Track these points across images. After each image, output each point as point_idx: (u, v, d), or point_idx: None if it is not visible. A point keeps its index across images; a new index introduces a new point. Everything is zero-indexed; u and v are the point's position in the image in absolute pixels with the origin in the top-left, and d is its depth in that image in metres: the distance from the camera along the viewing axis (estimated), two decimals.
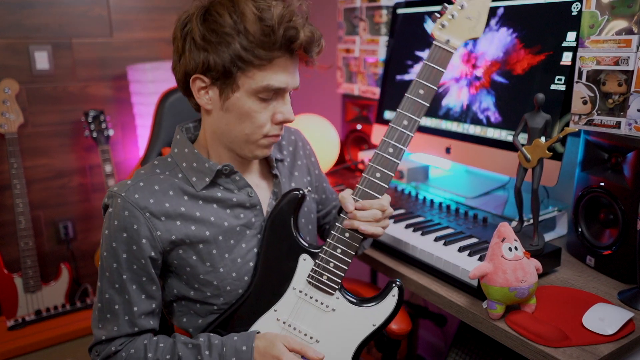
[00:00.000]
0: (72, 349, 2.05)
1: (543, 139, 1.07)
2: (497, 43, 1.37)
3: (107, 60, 2.37)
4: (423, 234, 1.24)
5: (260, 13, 0.88)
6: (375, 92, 1.86)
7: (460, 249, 1.14)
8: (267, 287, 1.01)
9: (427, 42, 1.57)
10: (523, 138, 1.19)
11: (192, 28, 0.91)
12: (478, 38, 0.95)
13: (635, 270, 1.05)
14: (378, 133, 1.78)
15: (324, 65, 1.03)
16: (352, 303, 0.99)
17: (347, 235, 0.97)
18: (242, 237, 1.01)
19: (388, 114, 1.73)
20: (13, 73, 2.17)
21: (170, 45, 0.99)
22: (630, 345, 0.92)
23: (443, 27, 0.95)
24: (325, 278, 0.98)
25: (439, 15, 0.97)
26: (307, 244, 1.00)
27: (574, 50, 1.18)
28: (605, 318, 0.94)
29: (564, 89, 1.21)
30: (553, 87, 1.23)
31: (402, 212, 1.39)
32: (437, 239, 1.21)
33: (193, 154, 1.00)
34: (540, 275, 1.10)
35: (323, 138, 1.86)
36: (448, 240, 1.18)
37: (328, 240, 0.98)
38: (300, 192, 1.00)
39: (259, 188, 1.07)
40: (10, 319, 2.10)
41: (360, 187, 0.97)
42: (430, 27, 1.55)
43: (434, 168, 1.70)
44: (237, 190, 1.02)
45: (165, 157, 1.04)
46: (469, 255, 1.12)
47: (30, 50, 2.19)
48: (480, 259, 1.09)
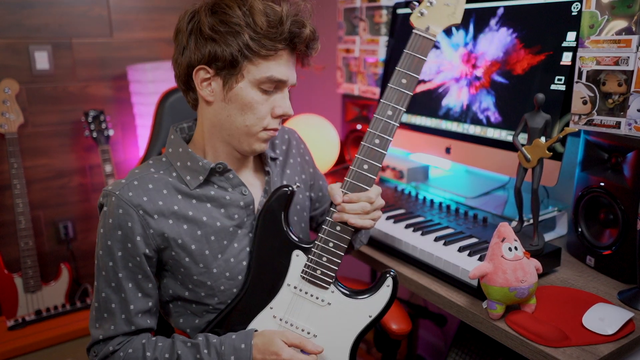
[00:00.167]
0: (72, 349, 2.05)
1: (543, 139, 1.07)
2: (497, 43, 1.37)
3: (107, 60, 2.37)
4: (423, 234, 1.24)
5: (268, 7, 0.93)
6: (375, 92, 1.86)
7: (460, 249, 1.14)
8: (261, 285, 1.01)
9: None
10: (523, 138, 1.19)
11: (200, 19, 0.94)
12: (458, 24, 0.95)
13: (635, 270, 1.05)
14: None
15: (319, 66, 1.06)
16: (347, 296, 0.99)
17: (338, 229, 0.97)
18: (234, 236, 1.02)
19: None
20: (13, 73, 2.17)
21: (171, 45, 0.99)
22: (630, 345, 0.92)
23: (422, 15, 0.95)
24: (319, 272, 0.98)
25: (417, 4, 0.96)
26: (299, 240, 1.01)
27: (574, 50, 1.18)
28: (605, 318, 0.94)
29: (564, 89, 1.21)
30: (553, 87, 1.23)
31: (402, 212, 1.39)
32: (437, 239, 1.21)
33: (187, 154, 1.00)
34: (540, 275, 1.10)
35: (323, 138, 1.87)
36: (448, 240, 1.18)
37: (320, 235, 0.98)
38: (290, 188, 1.00)
39: (252, 186, 1.07)
40: (11, 319, 2.10)
41: (348, 179, 0.97)
42: None
43: (434, 168, 1.70)
44: (230, 189, 1.02)
45: (160, 156, 1.05)
46: (469, 255, 1.12)
47: (30, 50, 2.19)
48: (480, 259, 1.09)
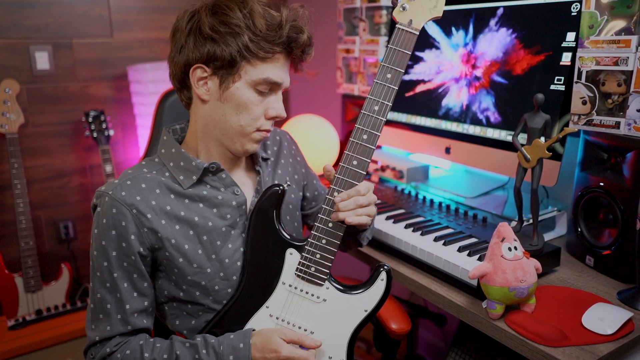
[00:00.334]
0: (72, 349, 2.05)
1: (542, 139, 1.07)
2: (496, 43, 1.37)
3: (107, 60, 2.37)
4: (423, 234, 1.24)
5: (267, 12, 0.95)
6: None
7: (460, 249, 1.15)
8: (257, 285, 1.01)
9: (427, 42, 1.57)
10: (522, 138, 1.20)
11: (200, 19, 0.95)
12: (439, 17, 0.96)
13: (635, 270, 1.05)
14: None
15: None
16: (342, 291, 1.00)
17: (330, 226, 0.98)
18: (227, 237, 1.02)
19: (388, 114, 1.73)
20: (13, 73, 2.17)
21: None
22: (630, 345, 0.92)
23: (404, 9, 0.95)
24: (313, 270, 0.99)
25: None
26: (292, 238, 1.01)
27: (574, 51, 1.18)
28: (605, 318, 0.94)
29: (564, 89, 1.21)
30: (552, 87, 1.23)
31: (402, 212, 1.40)
32: (436, 239, 1.21)
33: (180, 154, 1.01)
34: (540, 275, 1.10)
35: (323, 138, 1.87)
36: (448, 240, 1.19)
37: (312, 232, 0.99)
38: (281, 187, 1.01)
39: (244, 186, 1.08)
40: (11, 319, 2.11)
41: (339, 176, 0.98)
42: (431, 27, 1.55)
43: (434, 168, 1.70)
44: (223, 189, 1.03)
45: (152, 157, 1.05)
46: (469, 255, 1.12)
47: (31, 51, 2.19)
48: (480, 259, 1.10)
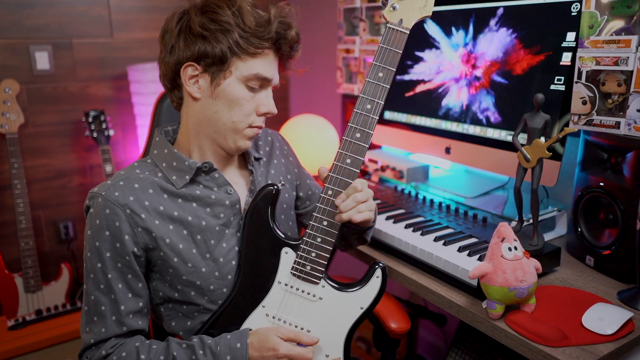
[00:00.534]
0: (72, 349, 2.05)
1: (543, 139, 1.07)
2: (496, 43, 1.37)
3: (107, 60, 2.37)
4: (423, 234, 1.24)
5: (255, 10, 0.98)
6: None
7: (460, 249, 1.15)
8: (252, 284, 1.01)
9: (427, 42, 1.57)
10: (523, 138, 1.20)
11: (190, 18, 0.96)
12: (429, 16, 0.97)
13: (635, 270, 1.05)
14: (378, 133, 1.78)
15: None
16: (337, 289, 1.00)
17: (325, 224, 0.98)
18: (222, 236, 1.02)
19: (388, 114, 1.73)
20: (13, 73, 2.17)
21: None
22: (630, 345, 0.92)
23: (394, 9, 0.96)
24: (309, 268, 0.99)
25: None
26: (287, 237, 1.01)
27: (574, 51, 1.18)
28: (605, 318, 0.94)
29: (564, 89, 1.21)
30: (553, 87, 1.23)
31: (402, 212, 1.40)
32: (436, 239, 1.21)
33: (173, 154, 1.02)
34: (540, 275, 1.10)
35: (323, 138, 1.87)
36: (448, 240, 1.19)
37: (307, 231, 0.99)
38: (275, 186, 1.01)
39: (237, 186, 1.08)
40: (11, 319, 2.11)
41: (333, 174, 0.98)
42: (431, 27, 1.55)
43: (434, 168, 1.70)
44: (216, 188, 1.03)
45: (145, 158, 1.05)
46: (469, 255, 1.12)
47: (31, 51, 2.19)
48: (480, 259, 1.10)
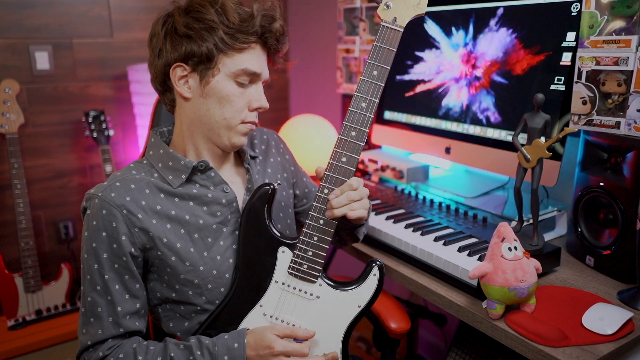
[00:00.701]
0: (72, 349, 2.05)
1: (543, 139, 1.07)
2: (496, 43, 1.37)
3: (107, 60, 2.37)
4: (423, 234, 1.24)
5: (239, 7, 0.98)
6: None
7: (460, 249, 1.15)
8: (249, 284, 1.01)
9: (427, 42, 1.57)
10: (523, 138, 1.20)
11: (175, 20, 0.97)
12: (423, 15, 0.97)
13: (635, 270, 1.05)
14: (378, 133, 1.78)
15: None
16: (335, 288, 1.00)
17: (321, 223, 0.98)
18: (219, 234, 1.03)
19: (388, 114, 1.73)
20: (13, 73, 2.17)
21: None
22: (630, 345, 0.92)
23: (388, 7, 0.97)
24: (306, 267, 0.99)
25: None
26: (283, 237, 1.01)
27: (574, 51, 1.18)
28: (605, 318, 0.94)
29: (564, 89, 1.21)
30: (553, 87, 1.23)
31: (402, 212, 1.40)
32: (436, 239, 1.21)
33: (168, 154, 1.02)
34: (540, 275, 1.10)
35: (323, 138, 1.87)
36: (448, 240, 1.19)
37: (304, 230, 0.99)
38: (271, 186, 1.02)
39: (234, 184, 1.08)
40: (11, 319, 2.11)
41: (328, 173, 0.98)
42: (431, 27, 1.55)
43: (434, 168, 1.70)
44: (212, 187, 1.03)
45: (141, 160, 1.06)
46: (469, 255, 1.12)
47: (31, 51, 2.19)
48: (480, 259, 1.10)
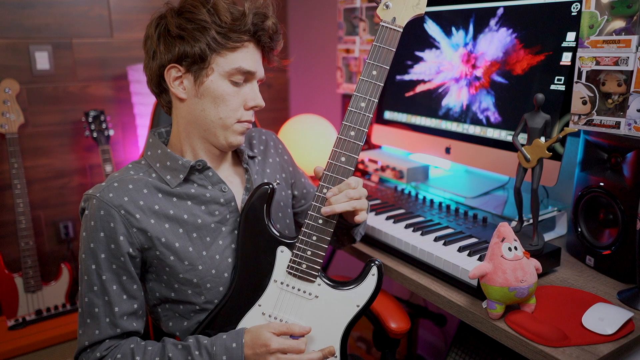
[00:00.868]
0: (72, 349, 2.05)
1: (543, 139, 1.07)
2: (496, 43, 1.37)
3: (107, 60, 2.37)
4: (423, 234, 1.24)
5: (231, 6, 0.98)
6: None
7: (460, 249, 1.15)
8: (248, 283, 1.02)
9: (427, 42, 1.57)
10: (523, 138, 1.20)
11: (167, 21, 0.98)
12: (422, 15, 0.97)
13: (635, 270, 1.05)
14: (378, 133, 1.78)
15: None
16: (333, 287, 1.00)
17: (320, 222, 0.98)
18: (217, 234, 1.03)
19: (388, 114, 1.73)
20: (13, 73, 2.17)
21: None
22: (630, 345, 0.92)
23: (387, 7, 0.97)
24: (305, 266, 0.99)
25: None
26: (282, 236, 1.01)
27: (574, 51, 1.18)
28: (605, 318, 0.94)
29: (564, 89, 1.21)
30: (553, 87, 1.23)
31: (402, 212, 1.40)
32: (437, 239, 1.21)
33: (166, 154, 1.02)
34: (540, 275, 1.10)
35: (323, 138, 1.87)
36: (448, 240, 1.19)
37: (303, 229, 0.99)
38: (270, 185, 1.02)
39: (232, 184, 1.08)
40: (11, 319, 2.11)
41: (327, 172, 0.98)
42: (431, 27, 1.55)
43: (434, 168, 1.70)
44: (210, 186, 1.04)
45: (139, 160, 1.06)
46: (469, 255, 1.12)
47: (31, 51, 2.19)
48: (480, 259, 1.10)
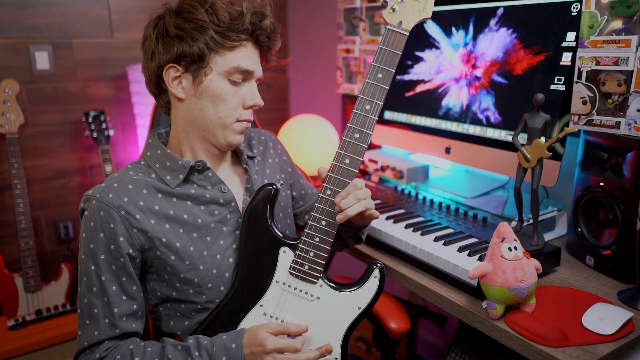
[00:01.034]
0: (72, 349, 2.05)
1: (543, 139, 1.07)
2: (496, 43, 1.37)
3: (107, 60, 2.37)
4: (423, 234, 1.24)
5: (229, 6, 0.98)
6: None
7: (460, 249, 1.15)
8: (250, 283, 1.02)
9: (427, 42, 1.57)
10: (523, 138, 1.20)
11: (165, 22, 0.98)
12: (428, 19, 0.98)
13: (635, 270, 1.05)
14: (378, 133, 1.78)
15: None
16: (335, 289, 1.01)
17: (323, 224, 0.98)
18: (218, 233, 1.03)
19: (388, 114, 1.73)
20: (13, 73, 2.17)
21: None
22: (630, 345, 0.92)
23: (394, 10, 0.97)
24: (307, 268, 0.99)
25: (389, 1, 0.98)
26: (285, 237, 1.02)
27: (574, 51, 1.18)
28: (605, 318, 0.94)
29: (564, 89, 1.21)
30: (553, 87, 1.23)
31: (402, 212, 1.40)
32: (437, 239, 1.21)
33: (166, 154, 1.02)
34: (540, 275, 1.10)
35: (323, 138, 1.87)
36: (448, 240, 1.19)
37: (306, 231, 0.99)
38: (274, 186, 1.02)
39: (232, 185, 1.08)
40: (11, 319, 2.11)
41: (331, 174, 0.98)
42: (431, 27, 1.55)
43: (434, 168, 1.70)
44: (210, 187, 1.04)
45: (139, 161, 1.06)
46: (469, 255, 1.12)
47: (31, 51, 2.19)
48: (480, 259, 1.10)
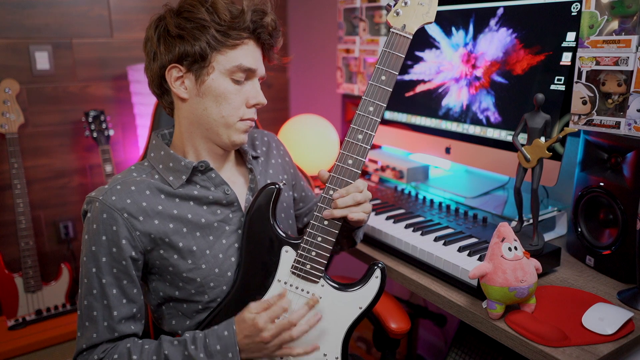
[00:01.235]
0: (72, 349, 2.05)
1: (543, 139, 1.07)
2: (496, 43, 1.37)
3: (107, 60, 2.37)
4: (423, 234, 1.24)
5: (230, 4, 0.98)
6: None
7: (460, 249, 1.15)
8: (252, 282, 1.02)
9: (427, 42, 1.57)
10: (523, 138, 1.20)
11: (166, 22, 0.98)
12: (432, 22, 0.99)
13: (635, 270, 1.05)
14: (378, 133, 1.78)
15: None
16: (337, 289, 1.01)
17: (325, 223, 0.99)
18: (221, 233, 1.03)
19: (388, 114, 1.73)
20: (13, 73, 2.17)
21: None
22: (630, 345, 0.92)
23: (398, 14, 0.98)
24: (309, 267, 1.00)
25: (393, 4, 0.99)
26: (287, 236, 1.02)
27: (574, 51, 1.18)
28: (605, 318, 0.94)
29: (564, 89, 1.21)
30: (553, 87, 1.23)
31: (402, 212, 1.40)
32: (437, 239, 1.21)
33: (169, 155, 1.02)
34: (540, 275, 1.10)
35: (323, 138, 1.87)
36: (448, 240, 1.19)
37: (308, 230, 0.99)
38: (277, 185, 1.02)
39: (235, 185, 1.08)
40: (11, 319, 2.11)
41: (334, 175, 0.98)
42: (431, 27, 1.55)
43: (434, 168, 1.70)
44: (213, 188, 1.04)
45: (142, 161, 1.06)
46: (469, 255, 1.12)
47: (31, 51, 2.19)
48: (480, 259, 1.10)
